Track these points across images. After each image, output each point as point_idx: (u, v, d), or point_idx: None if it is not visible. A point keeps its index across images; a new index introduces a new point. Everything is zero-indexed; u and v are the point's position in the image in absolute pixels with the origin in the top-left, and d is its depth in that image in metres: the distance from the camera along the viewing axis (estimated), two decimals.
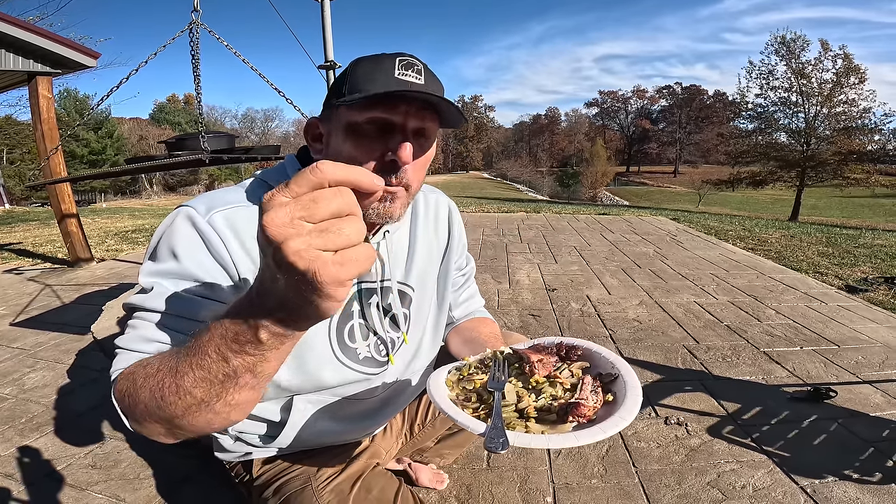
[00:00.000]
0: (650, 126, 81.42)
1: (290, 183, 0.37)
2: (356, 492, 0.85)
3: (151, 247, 0.72)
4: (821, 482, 1.52)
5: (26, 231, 7.87)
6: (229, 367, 0.47)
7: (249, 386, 0.49)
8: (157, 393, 0.51)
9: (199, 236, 0.71)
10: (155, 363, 0.55)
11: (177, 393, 0.50)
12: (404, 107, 0.69)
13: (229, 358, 0.46)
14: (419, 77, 0.71)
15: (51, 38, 4.24)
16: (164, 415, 0.52)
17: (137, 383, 0.54)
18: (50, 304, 3.56)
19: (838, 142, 20.73)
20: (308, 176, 0.37)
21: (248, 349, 0.45)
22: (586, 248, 5.32)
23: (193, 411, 0.50)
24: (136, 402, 0.54)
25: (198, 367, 0.48)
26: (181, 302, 0.67)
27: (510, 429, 0.59)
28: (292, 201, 0.37)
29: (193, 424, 0.52)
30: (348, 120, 0.71)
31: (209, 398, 0.49)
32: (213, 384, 0.48)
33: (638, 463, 1.64)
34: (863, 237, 6.67)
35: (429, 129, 0.73)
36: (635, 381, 0.66)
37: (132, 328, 0.67)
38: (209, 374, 0.48)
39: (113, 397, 0.59)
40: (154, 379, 0.52)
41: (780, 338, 2.72)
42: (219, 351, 0.46)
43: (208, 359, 0.47)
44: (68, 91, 33.53)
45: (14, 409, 2.03)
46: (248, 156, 2.46)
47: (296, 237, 0.36)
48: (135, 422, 0.57)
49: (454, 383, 0.71)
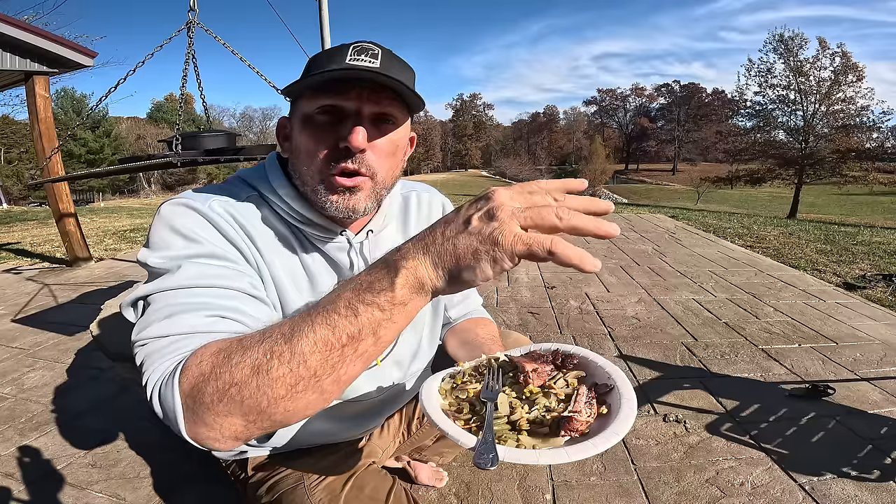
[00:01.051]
0: (649, 124, 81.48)
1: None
2: (348, 490, 0.84)
3: (154, 237, 0.66)
4: (819, 479, 1.53)
5: (24, 231, 7.85)
6: (356, 325, 0.45)
7: (365, 356, 0.47)
8: (263, 366, 0.45)
9: (207, 220, 0.68)
10: (256, 336, 0.49)
11: (290, 361, 0.45)
12: (355, 91, 0.66)
13: (359, 311, 0.45)
14: (374, 61, 0.66)
15: (48, 38, 4.23)
16: (261, 399, 0.46)
17: (233, 359, 0.47)
18: (48, 303, 3.56)
19: (836, 139, 20.80)
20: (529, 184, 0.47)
21: (380, 300, 0.45)
22: (585, 246, 5.30)
23: (300, 390, 0.46)
24: (227, 385, 0.46)
25: (322, 325, 0.45)
26: (217, 274, 0.63)
27: (501, 442, 0.58)
28: (517, 188, 0.46)
29: (287, 410, 0.47)
30: (303, 112, 0.69)
31: (322, 370, 0.46)
32: (334, 349, 0.45)
33: (637, 460, 1.65)
34: (861, 235, 6.68)
35: (391, 114, 0.70)
36: (631, 394, 0.65)
37: (168, 315, 0.57)
38: (333, 335, 0.45)
39: (176, 389, 0.49)
40: (259, 349, 0.46)
41: (779, 335, 2.72)
42: (349, 304, 0.45)
43: (336, 315, 0.45)
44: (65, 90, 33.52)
45: (14, 409, 2.03)
46: (243, 155, 2.41)
47: (508, 205, 0.43)
48: (201, 420, 0.48)
49: (448, 392, 0.70)
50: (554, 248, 0.40)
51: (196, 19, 2.84)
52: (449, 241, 0.43)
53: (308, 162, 0.70)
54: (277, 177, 0.77)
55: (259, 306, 0.65)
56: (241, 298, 0.63)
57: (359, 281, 0.46)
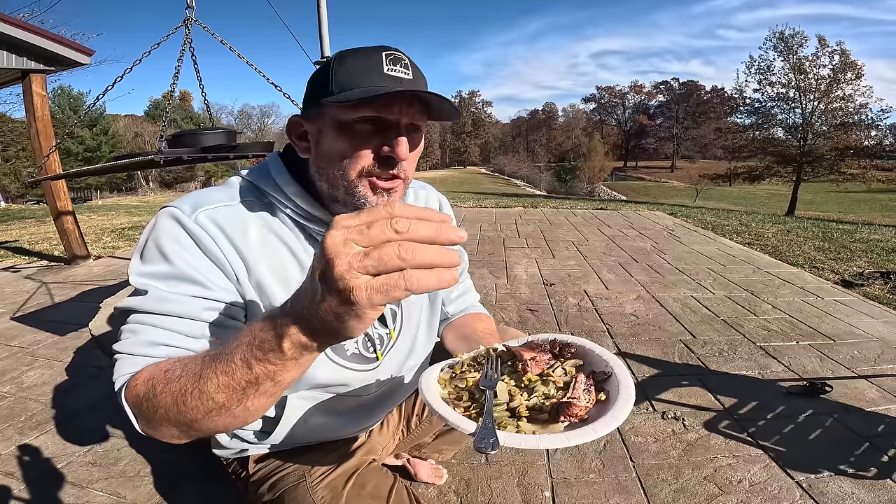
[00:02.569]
0: (647, 121, 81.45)
1: (361, 212, 0.42)
2: (350, 487, 0.85)
3: (140, 248, 0.72)
4: (816, 477, 1.54)
5: (22, 229, 7.83)
6: (252, 374, 0.50)
7: (269, 393, 0.52)
8: (179, 398, 0.54)
9: (189, 236, 0.70)
10: (177, 369, 0.57)
11: (200, 398, 0.53)
12: (398, 104, 0.69)
13: (252, 365, 0.49)
14: (407, 72, 0.71)
15: (44, 36, 4.21)
16: (184, 419, 0.55)
17: (157, 388, 0.56)
18: (47, 301, 3.55)
19: (835, 137, 20.78)
20: (376, 209, 0.42)
21: (271, 357, 0.48)
22: (584, 243, 5.32)
23: (214, 415, 0.54)
24: (156, 406, 0.56)
25: (223, 373, 0.51)
26: (179, 304, 0.68)
27: (501, 428, 0.59)
28: (352, 227, 0.41)
29: (210, 427, 0.56)
30: (340, 118, 0.69)
31: (230, 403, 0.52)
32: (236, 390, 0.51)
33: (635, 458, 1.65)
34: (859, 232, 6.70)
35: (419, 123, 0.73)
36: (628, 380, 0.66)
37: (132, 333, 0.67)
38: (233, 381, 0.51)
39: (123, 401, 0.60)
40: (177, 384, 0.55)
41: (777, 332, 2.73)
42: (244, 358, 0.50)
43: (233, 365, 0.50)
44: (62, 88, 33.30)
45: (13, 408, 2.03)
46: (234, 153, 2.38)
47: (343, 256, 0.39)
48: (147, 425, 0.59)
49: (447, 381, 0.71)
50: (409, 285, 0.39)
51: (193, 16, 2.84)
52: (313, 308, 0.43)
53: (341, 165, 0.72)
54: (283, 175, 0.78)
55: (212, 329, 0.71)
56: (192, 325, 0.69)
57: (252, 336, 0.50)
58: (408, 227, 0.40)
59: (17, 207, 15.13)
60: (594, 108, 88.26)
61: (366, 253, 0.39)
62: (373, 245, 0.39)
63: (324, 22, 3.72)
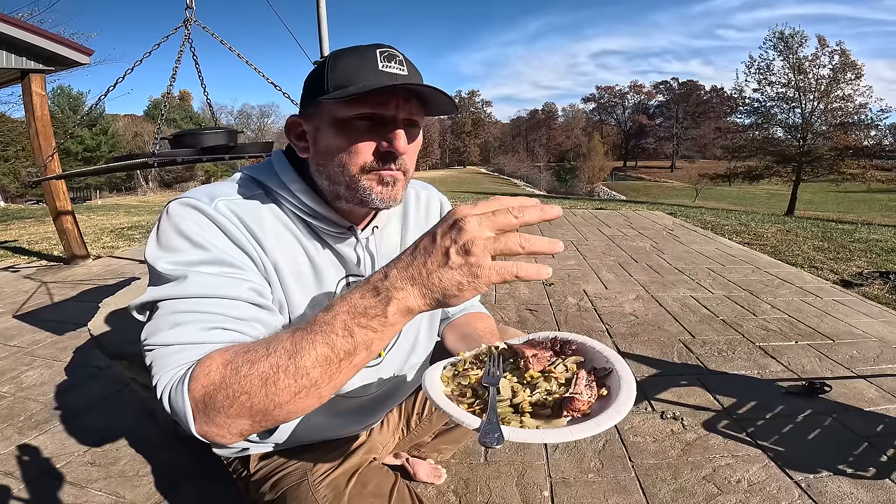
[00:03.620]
0: (647, 121, 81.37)
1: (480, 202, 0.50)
2: (352, 486, 0.85)
3: (157, 240, 0.68)
4: (815, 477, 1.54)
5: (21, 228, 7.84)
6: (353, 342, 0.51)
7: (356, 366, 0.53)
8: (271, 377, 0.51)
9: (213, 223, 0.70)
10: (260, 349, 0.53)
11: (294, 374, 0.51)
12: (394, 100, 0.69)
13: (355, 332, 0.51)
14: (402, 68, 0.71)
15: (44, 36, 4.21)
16: (269, 403, 0.52)
17: (242, 372, 0.52)
18: (46, 301, 3.55)
19: (835, 137, 20.79)
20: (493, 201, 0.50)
21: (375, 323, 0.50)
22: (583, 243, 5.33)
23: (301, 397, 0.52)
24: (237, 393, 0.52)
25: (323, 343, 0.51)
26: (226, 287, 0.65)
27: (505, 423, 0.59)
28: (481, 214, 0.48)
29: (289, 412, 0.54)
30: (337, 115, 0.70)
31: (322, 380, 0.52)
32: (332, 363, 0.51)
33: (634, 457, 1.66)
34: (858, 232, 6.71)
35: (417, 118, 0.74)
36: (629, 376, 0.67)
37: (172, 324, 0.61)
38: (332, 352, 0.51)
39: (186, 396, 0.54)
40: (265, 363, 0.52)
41: (776, 332, 2.73)
42: (346, 326, 0.51)
43: (334, 335, 0.51)
44: (62, 88, 33.31)
45: (13, 407, 2.03)
46: (231, 154, 2.36)
47: (480, 239, 0.47)
48: (211, 421, 0.53)
49: (449, 379, 0.72)
50: (519, 273, 0.47)
51: (193, 16, 2.84)
52: (434, 276, 0.48)
53: (341, 161, 0.72)
54: (288, 172, 0.78)
55: (259, 313, 0.68)
56: (242, 307, 0.66)
57: (353, 304, 0.51)
58: (522, 213, 0.48)
59: (16, 207, 15.12)
60: (594, 107, 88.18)
61: (496, 238, 0.47)
62: (500, 229, 0.48)
63: (323, 22, 3.72)
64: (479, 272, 0.47)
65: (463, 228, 0.47)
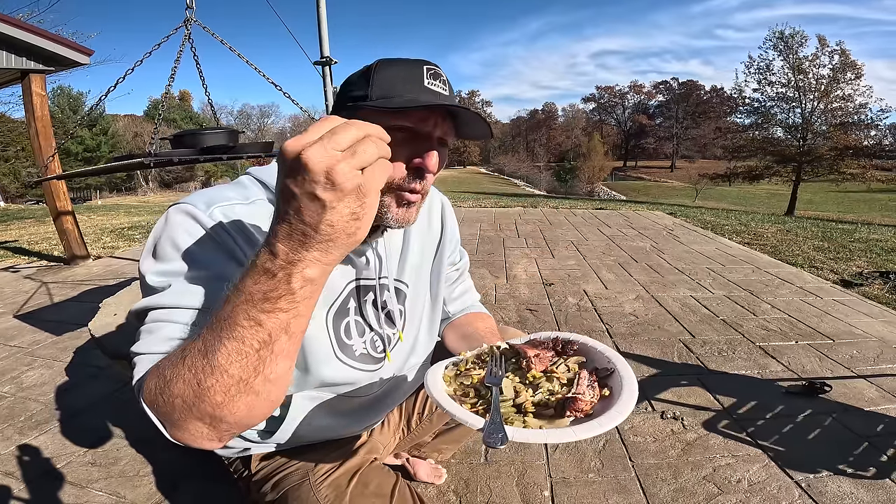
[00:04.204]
0: (647, 121, 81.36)
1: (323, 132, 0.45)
2: (353, 486, 0.85)
3: (152, 247, 0.69)
4: (815, 476, 1.54)
5: (21, 229, 7.84)
6: (264, 332, 0.47)
7: (285, 353, 0.49)
8: (191, 380, 0.48)
9: (206, 231, 0.69)
10: (178, 352, 0.51)
11: (213, 374, 0.47)
12: (434, 118, 0.70)
13: (262, 321, 0.47)
14: (445, 88, 0.72)
15: (44, 36, 4.21)
16: (203, 406, 0.49)
17: (166, 377, 0.50)
18: (46, 301, 3.55)
19: (835, 137, 20.78)
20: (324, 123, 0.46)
21: (282, 304, 0.47)
22: (583, 243, 5.33)
23: (233, 394, 0.49)
24: (172, 398, 0.50)
25: (229, 339, 0.47)
26: (199, 297, 0.64)
27: (508, 424, 0.60)
28: (323, 139, 0.44)
29: (235, 412, 0.50)
30: (377, 123, 0.70)
31: (247, 375, 0.48)
32: (249, 356, 0.48)
33: (634, 457, 1.66)
34: (858, 232, 6.71)
35: (448, 138, 0.74)
36: (631, 376, 0.67)
37: (149, 332, 0.62)
38: (243, 345, 0.47)
39: (143, 404, 0.54)
40: (183, 365, 0.49)
41: (776, 332, 2.73)
42: (249, 316, 0.47)
43: (240, 328, 0.47)
44: (62, 88, 33.31)
45: (13, 408, 2.03)
46: (229, 154, 2.36)
47: (335, 161, 0.43)
48: (174, 426, 0.52)
49: (451, 379, 0.72)
50: (382, 155, 0.47)
51: (193, 17, 2.84)
52: (322, 226, 0.44)
53: None
54: None
55: None
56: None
57: (248, 292, 0.47)
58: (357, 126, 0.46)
59: (16, 207, 15.13)
60: (594, 107, 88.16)
61: (352, 152, 0.44)
62: (347, 145, 0.44)
63: (323, 22, 3.72)
64: (361, 189, 0.44)
65: (308, 166, 0.43)
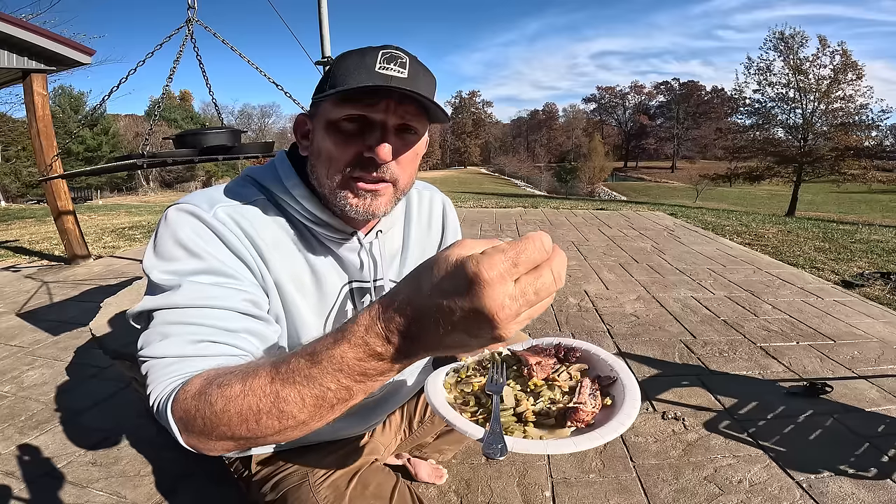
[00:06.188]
0: (648, 121, 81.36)
1: (515, 253, 0.38)
2: (353, 487, 0.85)
3: (154, 247, 0.67)
4: (816, 477, 1.54)
5: (22, 228, 7.83)
6: (349, 394, 0.46)
7: (351, 403, 0.49)
8: (251, 416, 0.48)
9: (211, 231, 0.69)
10: (236, 384, 0.49)
11: (279, 417, 0.48)
12: (384, 103, 0.66)
13: (352, 388, 0.46)
14: (402, 70, 0.67)
15: (45, 36, 4.21)
16: (251, 435, 0.49)
17: (217, 406, 0.49)
18: (47, 301, 3.55)
19: (835, 137, 20.75)
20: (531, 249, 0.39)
21: (379, 379, 0.46)
22: (584, 243, 5.32)
23: (290, 431, 0.49)
24: (217, 424, 0.50)
25: (311, 397, 0.46)
26: (219, 298, 0.64)
27: (508, 433, 0.59)
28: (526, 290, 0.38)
29: (277, 440, 0.51)
30: (328, 117, 0.69)
31: (312, 420, 0.48)
32: (323, 408, 0.47)
33: (636, 458, 1.65)
34: (859, 233, 6.70)
35: (414, 126, 0.70)
36: (634, 385, 0.66)
37: (163, 335, 0.61)
38: (324, 402, 0.47)
39: (169, 413, 0.53)
40: (243, 401, 0.48)
41: (777, 333, 2.73)
42: (339, 382, 0.45)
43: (324, 388, 0.46)
44: (63, 88, 33.29)
45: (13, 407, 2.03)
46: (226, 156, 2.35)
47: (511, 306, 0.37)
48: (196, 439, 0.53)
49: (452, 386, 0.71)
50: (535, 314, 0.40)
51: (195, 16, 2.84)
52: (445, 339, 0.40)
53: (328, 165, 0.71)
54: (290, 176, 0.77)
55: (253, 324, 0.67)
56: (235, 319, 0.65)
57: (346, 364, 0.44)
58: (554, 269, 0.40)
59: (17, 207, 15.12)
60: (594, 108, 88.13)
61: (523, 295, 0.37)
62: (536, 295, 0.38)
63: (325, 22, 3.72)
64: (501, 335, 0.38)
65: (495, 322, 0.37)
